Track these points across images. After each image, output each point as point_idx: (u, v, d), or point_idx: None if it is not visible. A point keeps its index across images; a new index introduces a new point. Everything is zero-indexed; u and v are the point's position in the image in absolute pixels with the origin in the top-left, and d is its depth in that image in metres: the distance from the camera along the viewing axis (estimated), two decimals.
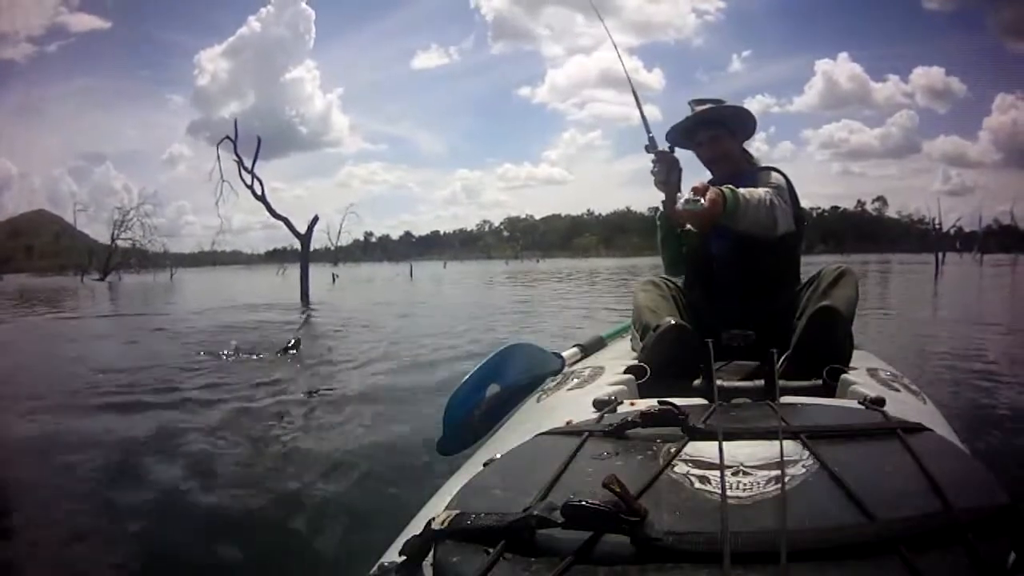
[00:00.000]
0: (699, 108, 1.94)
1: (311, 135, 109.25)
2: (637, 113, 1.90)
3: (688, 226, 2.03)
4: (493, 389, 1.64)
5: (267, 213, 14.95)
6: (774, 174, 1.92)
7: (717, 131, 1.93)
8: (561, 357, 2.06)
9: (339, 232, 14.83)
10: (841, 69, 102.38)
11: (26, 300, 16.85)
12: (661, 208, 1.98)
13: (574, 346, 2.28)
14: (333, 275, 15.23)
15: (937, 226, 36.60)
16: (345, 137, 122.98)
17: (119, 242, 34.72)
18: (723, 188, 1.62)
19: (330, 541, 1.95)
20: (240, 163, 14.46)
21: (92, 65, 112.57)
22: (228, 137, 14.59)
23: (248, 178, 14.46)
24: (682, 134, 1.96)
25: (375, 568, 0.79)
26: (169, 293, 19.67)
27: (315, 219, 14.79)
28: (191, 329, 8.30)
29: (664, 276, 1.97)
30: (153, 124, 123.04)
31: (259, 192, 14.46)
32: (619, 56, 2.07)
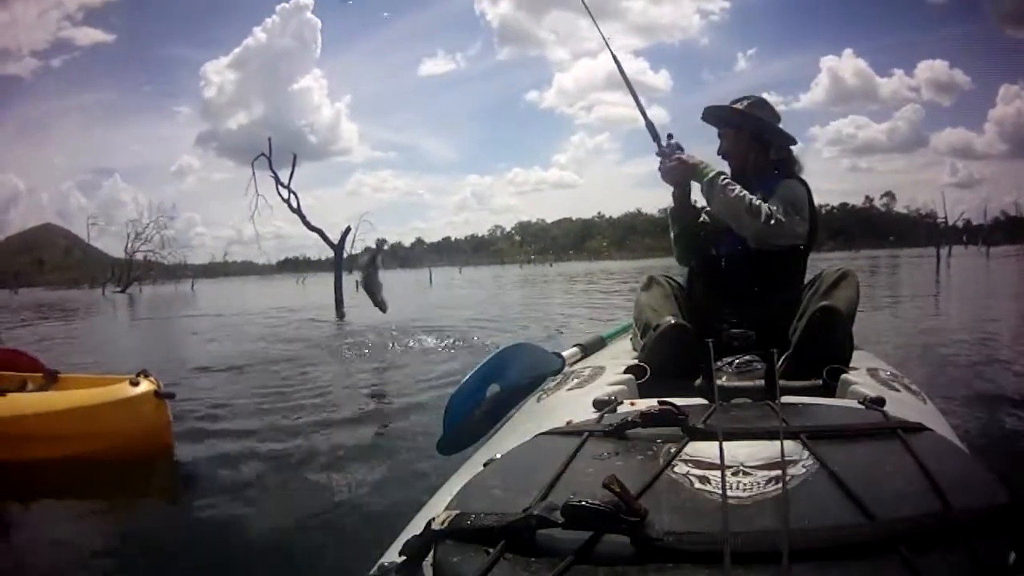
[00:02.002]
0: (735, 105, 1.98)
1: (320, 144, 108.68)
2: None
3: (704, 218, 2.03)
4: (493, 389, 1.64)
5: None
6: (795, 186, 1.91)
7: (726, 130, 1.98)
8: (561, 357, 2.06)
9: (353, 240, 15.47)
10: (846, 65, 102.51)
11: (76, 311, 16.97)
12: (673, 203, 1.99)
13: (574, 346, 2.28)
14: (356, 282, 15.59)
15: (942, 220, 36.54)
16: (354, 146, 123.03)
17: (137, 255, 34.84)
18: (710, 168, 1.85)
19: (330, 541, 1.95)
20: (276, 178, 15.14)
21: (98, 79, 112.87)
22: (263, 154, 15.23)
23: (284, 192, 15.13)
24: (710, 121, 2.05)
25: (375, 568, 0.79)
26: (211, 301, 19.81)
27: (347, 230, 15.18)
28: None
29: (667, 275, 1.97)
30: (161, 137, 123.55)
31: (295, 205, 15.07)
32: (619, 66, 2.07)
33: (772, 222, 1.76)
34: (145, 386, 2.78)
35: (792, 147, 2.01)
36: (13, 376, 3.23)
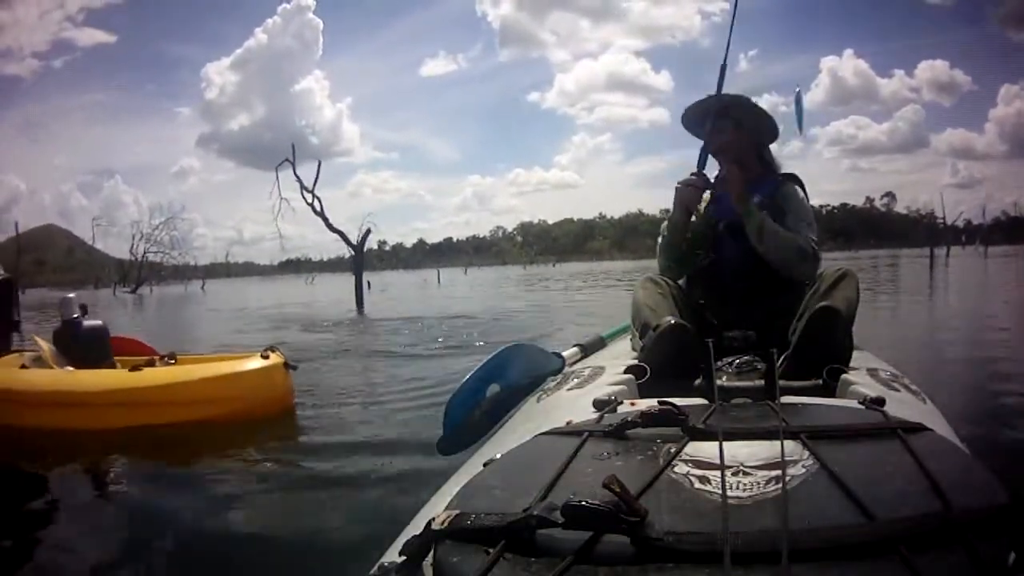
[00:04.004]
0: (707, 98, 1.94)
1: (322, 145, 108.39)
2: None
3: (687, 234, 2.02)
4: (493, 389, 1.64)
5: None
6: (798, 193, 1.92)
7: (721, 122, 1.92)
8: (561, 357, 2.06)
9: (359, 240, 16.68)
10: (847, 66, 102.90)
11: (102, 310, 17.26)
12: (671, 229, 1.97)
13: (574, 346, 2.28)
14: (367, 282, 16.35)
15: (940, 220, 36.64)
16: (356, 146, 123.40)
17: (148, 255, 35.21)
18: (754, 209, 1.80)
19: (330, 541, 1.95)
20: (301, 183, 16.19)
21: (99, 80, 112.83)
22: (288, 159, 16.38)
23: (308, 196, 16.17)
24: (697, 119, 1.99)
25: (375, 568, 0.79)
26: (228, 300, 20.37)
27: (367, 232, 16.11)
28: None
29: (663, 275, 1.97)
30: (162, 138, 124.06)
31: (318, 208, 16.00)
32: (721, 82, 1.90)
33: (817, 260, 1.80)
34: (274, 359, 3.39)
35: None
36: (139, 359, 3.68)
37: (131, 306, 19.81)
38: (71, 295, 4.08)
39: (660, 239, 2.03)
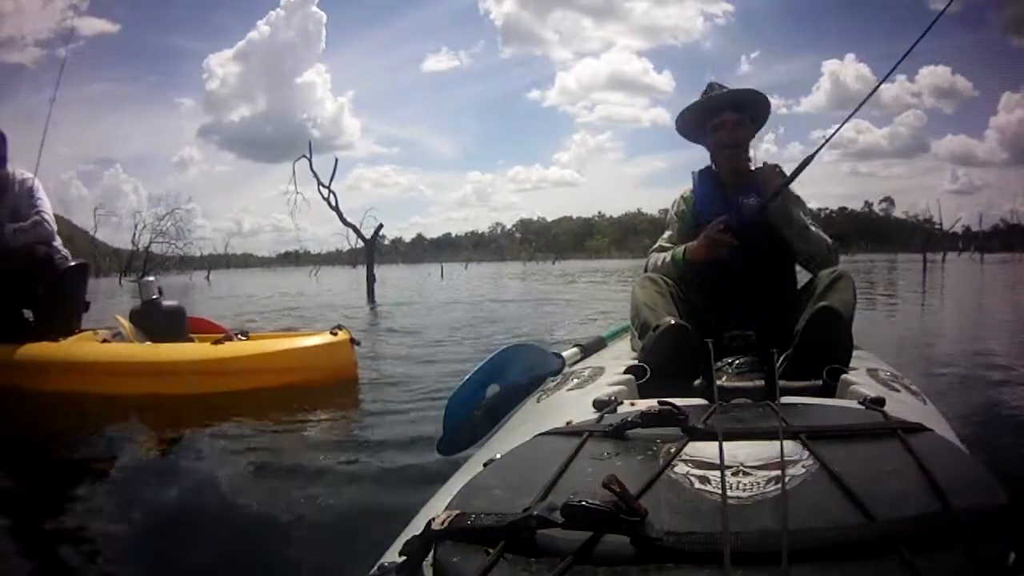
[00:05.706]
0: (721, 92, 1.95)
1: (323, 139, 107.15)
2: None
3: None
4: (493, 389, 1.64)
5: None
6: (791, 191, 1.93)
7: (740, 116, 1.92)
8: (561, 357, 2.06)
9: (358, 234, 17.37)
10: (848, 70, 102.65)
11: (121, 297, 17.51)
12: (674, 267, 1.96)
13: (574, 346, 2.28)
14: (373, 275, 16.81)
15: (936, 226, 36.79)
16: (356, 140, 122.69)
17: (153, 245, 35.45)
18: (796, 214, 1.88)
19: (330, 541, 1.95)
20: (317, 178, 16.87)
21: (101, 69, 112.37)
22: (304, 155, 17.20)
23: (324, 191, 16.95)
24: (699, 115, 1.97)
25: (375, 568, 0.79)
26: (239, 290, 20.34)
27: (380, 226, 16.94)
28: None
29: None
30: (163, 128, 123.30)
31: (333, 203, 16.85)
32: None
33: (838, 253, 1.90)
34: (342, 335, 3.81)
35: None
36: (215, 335, 3.99)
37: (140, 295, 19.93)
38: (151, 278, 4.51)
39: (661, 258, 2.02)
